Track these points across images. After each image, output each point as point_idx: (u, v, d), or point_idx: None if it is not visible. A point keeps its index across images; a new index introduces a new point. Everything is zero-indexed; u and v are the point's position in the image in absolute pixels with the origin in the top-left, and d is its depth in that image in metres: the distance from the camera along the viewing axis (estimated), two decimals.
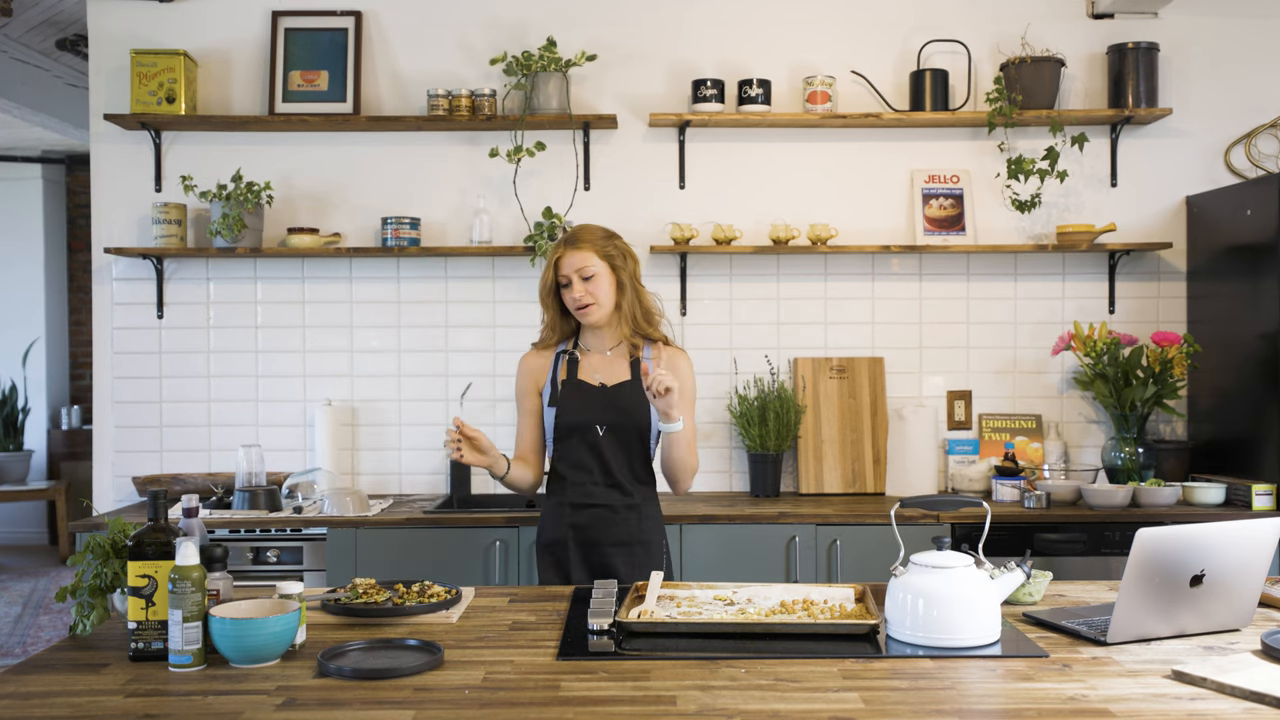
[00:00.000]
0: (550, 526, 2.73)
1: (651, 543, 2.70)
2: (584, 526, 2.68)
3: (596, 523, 2.68)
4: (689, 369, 2.77)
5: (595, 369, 2.73)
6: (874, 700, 1.65)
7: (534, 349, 2.80)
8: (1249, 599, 2.02)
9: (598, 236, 2.70)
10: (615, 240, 2.72)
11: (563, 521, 2.69)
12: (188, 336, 4.10)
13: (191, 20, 4.10)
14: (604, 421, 2.67)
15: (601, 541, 2.67)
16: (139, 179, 4.10)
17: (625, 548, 2.67)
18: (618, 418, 2.67)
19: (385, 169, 4.11)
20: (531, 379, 2.77)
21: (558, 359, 2.75)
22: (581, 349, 2.76)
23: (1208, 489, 3.65)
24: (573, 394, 2.70)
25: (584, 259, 2.65)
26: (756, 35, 4.12)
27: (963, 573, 1.94)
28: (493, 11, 4.11)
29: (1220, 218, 3.92)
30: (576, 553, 2.67)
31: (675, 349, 2.78)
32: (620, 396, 2.68)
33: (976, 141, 4.13)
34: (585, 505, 2.68)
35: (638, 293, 2.73)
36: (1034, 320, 4.13)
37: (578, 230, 2.72)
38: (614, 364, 2.73)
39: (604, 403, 2.68)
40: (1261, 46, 4.14)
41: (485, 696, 1.68)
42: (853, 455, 4.01)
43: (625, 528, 2.68)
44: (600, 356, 2.74)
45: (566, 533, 2.68)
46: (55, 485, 7.58)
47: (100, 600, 2.02)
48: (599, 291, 2.66)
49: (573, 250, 2.66)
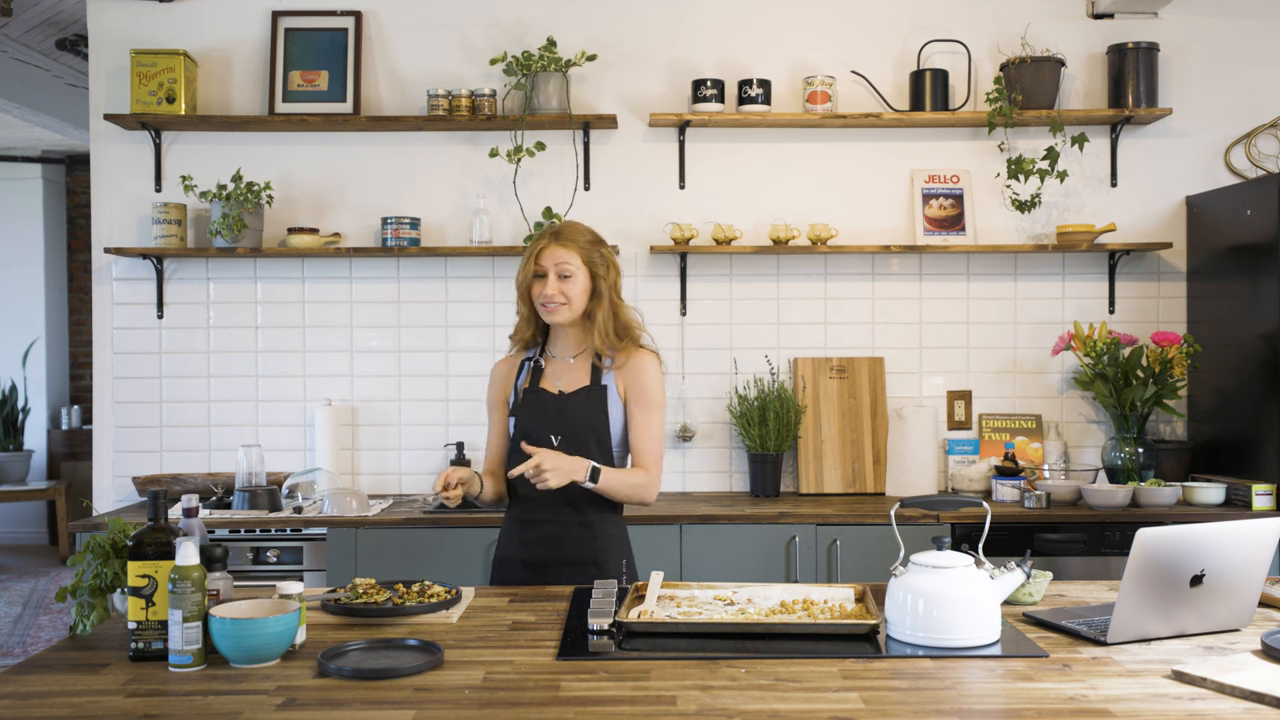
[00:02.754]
0: (503, 544, 2.62)
1: (606, 562, 2.54)
2: (533, 544, 2.55)
3: (546, 541, 2.54)
4: (654, 371, 2.60)
5: (558, 375, 2.60)
6: (874, 700, 1.65)
7: (505, 357, 2.70)
8: (1249, 599, 2.02)
9: (585, 238, 2.58)
10: (601, 247, 2.59)
11: (513, 538, 2.59)
12: (188, 336, 4.10)
13: (191, 20, 4.10)
14: (559, 430, 2.53)
15: (551, 561, 2.53)
16: (139, 179, 4.10)
17: (578, 568, 2.52)
18: (571, 426, 2.53)
19: (385, 169, 4.11)
20: (500, 389, 2.67)
21: (523, 366, 2.64)
22: (548, 355, 2.63)
23: (1208, 489, 3.65)
24: (531, 402, 2.58)
25: (566, 256, 2.52)
26: (756, 35, 4.12)
27: (963, 573, 1.94)
28: (493, 11, 4.11)
29: (1220, 218, 3.92)
30: (525, 572, 2.54)
31: (643, 351, 2.61)
32: (575, 403, 2.55)
33: (976, 141, 4.13)
34: (535, 522, 2.56)
35: (615, 305, 2.58)
36: (1034, 320, 4.13)
37: (566, 226, 2.59)
38: (576, 370, 2.59)
39: (559, 410, 2.55)
40: (1261, 46, 4.14)
41: (485, 696, 1.68)
42: (853, 455, 4.01)
43: (577, 547, 2.54)
44: (563, 363, 2.61)
45: (516, 551, 2.57)
46: (55, 485, 7.58)
47: (100, 600, 2.02)
48: (572, 293, 2.52)
49: (557, 245, 2.54)
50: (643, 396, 2.56)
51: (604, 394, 2.56)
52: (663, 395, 2.61)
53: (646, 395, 2.57)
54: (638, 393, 2.57)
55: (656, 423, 2.58)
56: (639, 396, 2.57)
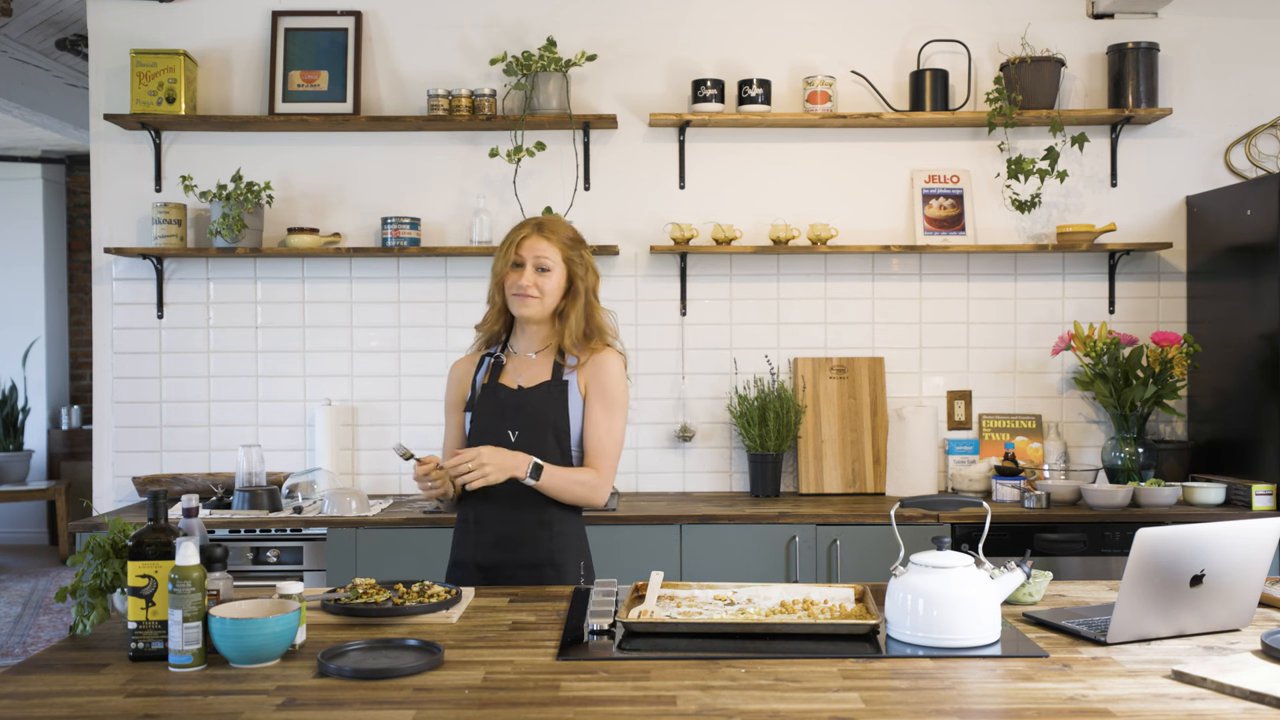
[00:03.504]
0: (457, 547, 2.54)
1: (564, 565, 2.48)
2: (487, 546, 2.47)
3: (501, 542, 2.46)
4: (618, 369, 2.52)
5: (518, 371, 2.53)
6: (874, 700, 1.65)
7: (465, 356, 2.63)
8: (1249, 599, 2.02)
9: (567, 235, 2.52)
10: (582, 248, 2.54)
11: (467, 541, 2.50)
12: (188, 336, 4.10)
13: (191, 20, 4.10)
14: (516, 426, 2.46)
15: (506, 564, 2.46)
16: (139, 179, 4.10)
17: (533, 569, 2.45)
18: (529, 420, 2.45)
19: (385, 169, 4.11)
20: (458, 389, 2.59)
21: (483, 362, 2.57)
22: (509, 351, 2.56)
23: (1208, 489, 3.65)
24: (488, 398, 2.50)
25: (547, 250, 2.47)
26: (756, 35, 4.12)
27: (963, 573, 1.94)
28: (493, 11, 4.11)
29: (1220, 218, 3.92)
30: (479, 576, 2.47)
31: (609, 349, 2.54)
32: (533, 398, 2.47)
33: (976, 141, 4.13)
34: (489, 523, 2.47)
35: (590, 307, 2.52)
36: (1034, 320, 4.13)
37: (549, 220, 2.54)
38: (537, 366, 2.52)
39: (516, 405, 2.47)
40: (1261, 46, 4.14)
41: (485, 696, 1.68)
42: (853, 455, 4.01)
43: (533, 548, 2.45)
44: (525, 359, 2.53)
45: (470, 554, 2.49)
46: (55, 485, 7.58)
47: (100, 600, 2.01)
48: (547, 287, 2.46)
49: (539, 237, 2.48)
50: (604, 392, 2.49)
51: (565, 389, 2.49)
52: (625, 396, 2.53)
53: (608, 392, 2.49)
54: (599, 388, 2.49)
55: (617, 423, 2.50)
56: (600, 392, 2.49)
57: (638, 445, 4.09)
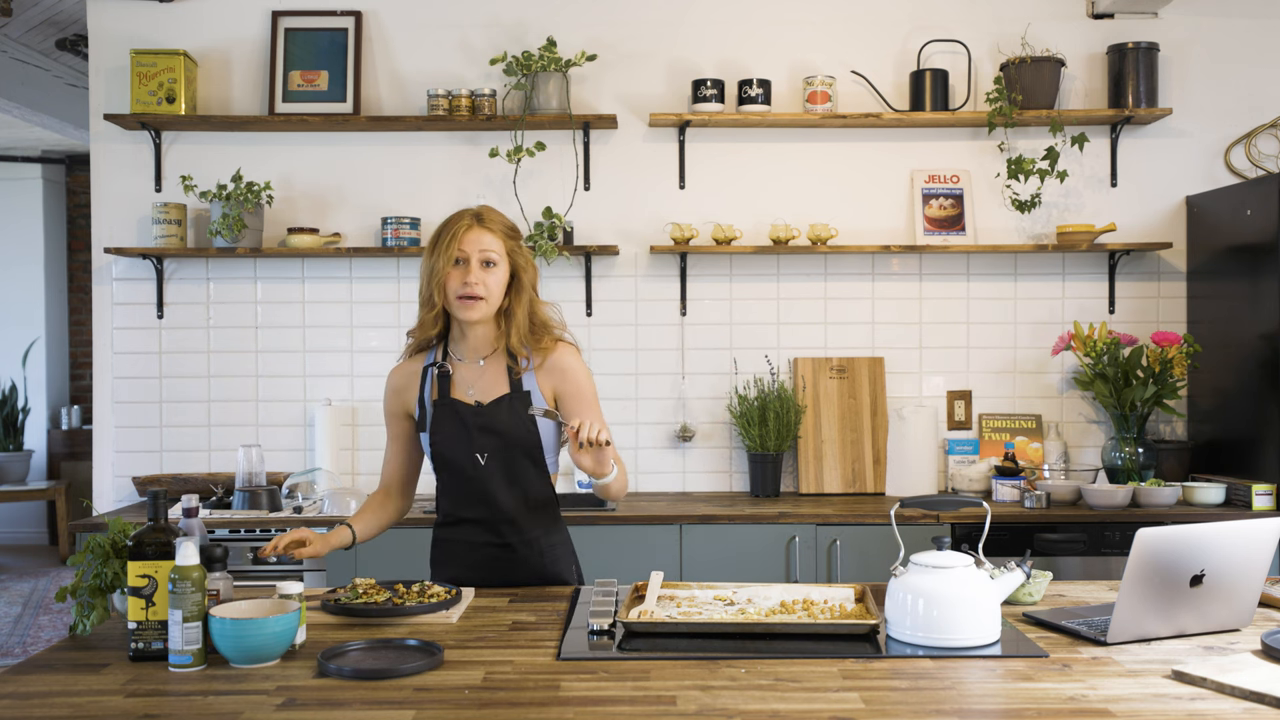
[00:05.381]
0: (444, 563, 2.42)
1: (559, 575, 2.41)
2: (481, 567, 2.37)
3: (495, 564, 2.36)
4: (580, 364, 2.39)
5: (469, 383, 2.35)
6: (874, 700, 1.65)
7: (401, 364, 2.45)
8: (1249, 599, 2.02)
9: (506, 225, 2.36)
10: (520, 238, 2.39)
11: (457, 562, 2.39)
12: (188, 336, 4.10)
13: (191, 20, 4.10)
14: (483, 448, 2.32)
15: (504, 585, 2.36)
16: (139, 179, 4.10)
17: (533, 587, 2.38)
18: (498, 442, 2.32)
19: (385, 169, 4.11)
20: (399, 400, 2.42)
21: (426, 373, 2.38)
22: (452, 359, 2.38)
23: (1208, 489, 3.65)
24: (446, 418, 2.33)
25: (492, 242, 2.29)
26: (756, 35, 4.12)
27: (963, 573, 1.94)
28: (493, 11, 4.11)
29: (1220, 218, 3.92)
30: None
31: (562, 344, 2.39)
32: (499, 416, 2.31)
33: (976, 141, 4.13)
34: (479, 545, 2.37)
35: (534, 302, 2.37)
36: (1034, 320, 4.13)
37: (487, 210, 2.36)
38: (488, 375, 2.35)
39: (480, 425, 2.31)
40: (1261, 46, 4.14)
41: (485, 696, 1.68)
42: (853, 455, 4.01)
43: (528, 567, 2.37)
44: (473, 368, 2.36)
45: (463, 575, 2.38)
46: (55, 485, 7.58)
47: (100, 600, 2.02)
48: (492, 285, 2.29)
49: (482, 229, 2.30)
50: (579, 394, 2.36)
51: (527, 401, 2.33)
52: (593, 386, 2.41)
53: (582, 392, 2.37)
54: (573, 391, 2.36)
55: (599, 412, 2.39)
56: (574, 394, 2.36)
57: (638, 445, 4.09)
